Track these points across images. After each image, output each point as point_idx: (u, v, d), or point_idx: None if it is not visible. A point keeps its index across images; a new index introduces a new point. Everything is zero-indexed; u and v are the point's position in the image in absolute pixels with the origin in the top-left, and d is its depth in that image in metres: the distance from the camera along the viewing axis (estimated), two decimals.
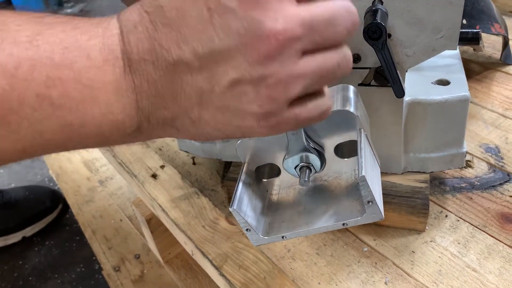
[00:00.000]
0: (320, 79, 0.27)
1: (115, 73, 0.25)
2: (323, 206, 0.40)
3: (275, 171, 0.43)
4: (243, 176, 0.40)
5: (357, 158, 0.37)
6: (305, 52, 0.26)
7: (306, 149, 0.39)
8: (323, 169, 0.40)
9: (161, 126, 0.28)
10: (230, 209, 0.36)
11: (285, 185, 0.43)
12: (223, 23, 0.24)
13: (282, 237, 0.38)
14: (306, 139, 0.38)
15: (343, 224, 0.36)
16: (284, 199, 0.42)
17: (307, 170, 0.39)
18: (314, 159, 0.39)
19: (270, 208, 0.42)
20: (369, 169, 0.35)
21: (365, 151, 0.36)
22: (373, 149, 0.40)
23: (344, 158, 0.41)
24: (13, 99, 0.23)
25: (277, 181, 0.43)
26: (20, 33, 0.23)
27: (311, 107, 0.28)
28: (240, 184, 0.39)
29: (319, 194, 0.41)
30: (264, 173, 0.43)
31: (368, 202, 0.34)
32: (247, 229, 0.37)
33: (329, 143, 0.40)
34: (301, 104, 0.28)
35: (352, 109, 0.37)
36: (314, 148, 0.39)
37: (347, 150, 0.41)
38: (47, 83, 0.23)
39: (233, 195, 0.38)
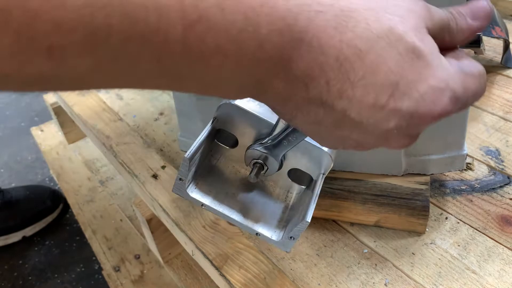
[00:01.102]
0: None
1: (260, 73, 0.25)
2: (249, 202, 0.41)
3: (230, 142, 0.42)
4: (209, 131, 0.40)
5: (301, 190, 0.40)
6: None
7: (281, 155, 0.39)
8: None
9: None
10: (184, 157, 0.36)
11: (228, 158, 0.43)
12: (387, 117, 0.25)
13: (202, 204, 0.39)
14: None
15: (257, 233, 0.39)
16: (220, 169, 0.43)
17: (258, 168, 0.39)
18: (274, 165, 0.40)
19: (204, 169, 0.42)
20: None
21: (317, 197, 0.38)
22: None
23: (289, 177, 0.42)
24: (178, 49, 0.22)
25: (224, 149, 0.43)
26: None
27: None
28: (203, 137, 0.39)
29: (251, 188, 0.42)
30: (221, 137, 0.43)
31: (291, 237, 0.37)
32: (180, 179, 0.38)
33: (291, 161, 0.41)
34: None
35: (328, 151, 0.39)
36: (281, 157, 0.40)
37: (298, 175, 0.42)
38: (214, 50, 0.23)
39: (194, 144, 0.38)
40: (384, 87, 0.25)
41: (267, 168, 0.40)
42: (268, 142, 0.39)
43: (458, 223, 0.50)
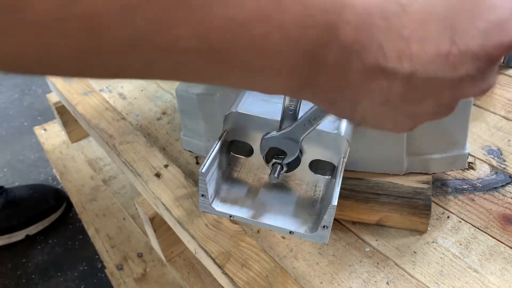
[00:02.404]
0: None
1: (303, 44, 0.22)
2: (277, 205, 0.41)
3: (246, 151, 0.43)
4: (219, 144, 0.40)
5: (327, 181, 0.40)
6: None
7: (302, 138, 0.39)
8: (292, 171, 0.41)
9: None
10: (200, 171, 0.37)
11: (248, 167, 0.44)
12: (456, 63, 0.24)
13: (230, 216, 0.39)
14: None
15: (290, 232, 0.38)
16: (242, 179, 0.43)
17: (279, 167, 0.39)
18: (294, 150, 0.39)
19: (227, 183, 0.42)
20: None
21: (341, 180, 0.38)
22: None
23: (312, 171, 0.42)
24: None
25: (242, 160, 0.43)
26: None
27: None
28: (215, 150, 0.39)
29: (277, 191, 0.42)
30: (236, 148, 0.43)
31: (324, 226, 0.36)
32: (202, 195, 0.38)
33: (309, 154, 0.41)
34: None
35: (344, 135, 0.39)
36: (299, 149, 0.40)
37: (320, 166, 0.42)
38: (256, 16, 0.21)
39: (206, 158, 0.38)
40: (440, 34, 0.23)
41: (287, 168, 0.40)
42: (284, 128, 0.38)
43: (460, 222, 0.50)
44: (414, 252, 0.48)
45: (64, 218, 1.29)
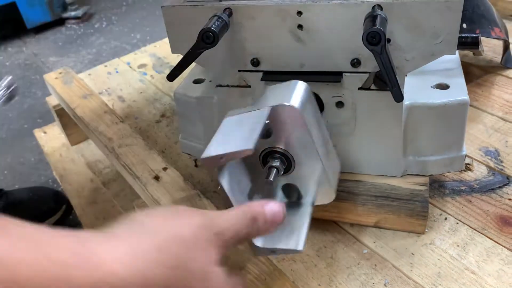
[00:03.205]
0: None
1: None
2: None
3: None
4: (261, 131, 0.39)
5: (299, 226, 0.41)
6: None
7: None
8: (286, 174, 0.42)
9: None
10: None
11: (242, 159, 0.43)
12: None
13: (220, 187, 0.39)
14: None
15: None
16: (235, 167, 0.42)
17: (275, 171, 0.39)
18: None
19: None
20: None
21: (309, 225, 0.40)
22: None
23: (284, 195, 0.44)
24: None
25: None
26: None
27: None
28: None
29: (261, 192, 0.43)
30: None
31: (272, 251, 0.39)
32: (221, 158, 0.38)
33: (294, 178, 0.42)
34: None
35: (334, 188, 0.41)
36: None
37: (290, 189, 0.43)
38: None
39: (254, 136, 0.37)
40: None
41: (280, 168, 0.40)
42: None
43: (457, 223, 0.51)
44: (412, 253, 0.48)
45: (64, 221, 1.29)
